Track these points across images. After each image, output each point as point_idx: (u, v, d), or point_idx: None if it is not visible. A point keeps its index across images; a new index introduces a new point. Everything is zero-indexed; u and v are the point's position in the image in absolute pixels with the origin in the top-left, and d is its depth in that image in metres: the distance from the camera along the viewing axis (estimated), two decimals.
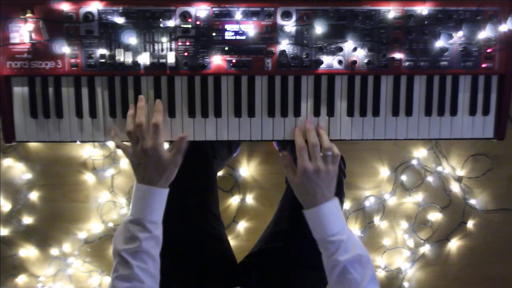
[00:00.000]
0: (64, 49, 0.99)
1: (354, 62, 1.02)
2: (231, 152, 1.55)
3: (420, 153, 1.82)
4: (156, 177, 0.96)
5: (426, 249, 1.89)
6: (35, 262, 1.85)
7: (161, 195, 0.97)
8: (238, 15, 1.00)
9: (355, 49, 1.01)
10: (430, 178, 1.84)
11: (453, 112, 1.06)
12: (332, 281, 0.95)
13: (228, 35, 1.01)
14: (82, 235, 1.83)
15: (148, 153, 0.95)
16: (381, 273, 1.90)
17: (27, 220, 1.81)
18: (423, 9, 1.01)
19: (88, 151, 1.78)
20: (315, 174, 0.95)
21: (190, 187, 1.14)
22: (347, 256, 0.92)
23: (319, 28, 0.99)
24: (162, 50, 1.01)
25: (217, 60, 1.02)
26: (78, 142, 1.06)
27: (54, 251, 1.83)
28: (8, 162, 1.78)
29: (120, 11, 0.99)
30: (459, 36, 1.02)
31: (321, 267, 1.14)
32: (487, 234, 1.88)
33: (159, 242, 0.96)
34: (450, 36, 1.01)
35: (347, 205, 1.84)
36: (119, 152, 1.79)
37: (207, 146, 1.23)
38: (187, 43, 1.01)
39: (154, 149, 0.95)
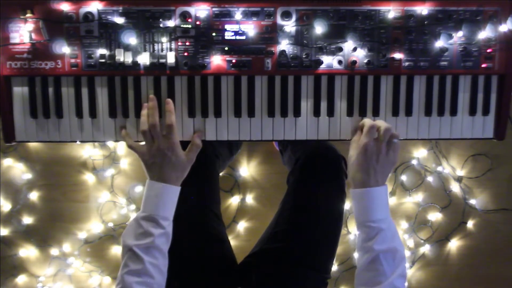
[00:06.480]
0: (64, 49, 0.99)
1: (354, 62, 1.02)
2: (232, 153, 1.55)
3: (420, 153, 1.82)
4: (171, 176, 0.97)
5: (426, 249, 1.88)
6: (35, 262, 1.85)
7: (174, 193, 0.98)
8: (238, 15, 1.00)
9: (355, 49, 1.01)
10: (430, 178, 1.84)
11: (453, 112, 1.06)
12: (361, 264, 0.95)
13: (228, 35, 1.01)
14: (82, 235, 1.82)
15: (164, 152, 0.96)
16: None
17: (27, 220, 1.81)
18: (423, 9, 1.01)
19: (88, 151, 1.78)
20: (374, 154, 0.95)
21: (192, 186, 1.14)
22: (383, 246, 0.92)
23: (319, 28, 0.99)
24: (162, 50, 1.01)
25: (217, 60, 1.02)
26: (78, 142, 1.06)
27: (54, 251, 1.83)
28: (8, 162, 1.78)
29: (120, 11, 0.99)
30: (459, 36, 1.02)
31: (321, 268, 1.15)
32: (487, 234, 1.88)
33: (169, 239, 0.97)
34: (450, 36, 1.01)
35: (347, 205, 1.84)
36: (119, 152, 1.79)
37: (208, 146, 1.23)
38: (187, 43, 1.01)
39: (170, 148, 0.97)
